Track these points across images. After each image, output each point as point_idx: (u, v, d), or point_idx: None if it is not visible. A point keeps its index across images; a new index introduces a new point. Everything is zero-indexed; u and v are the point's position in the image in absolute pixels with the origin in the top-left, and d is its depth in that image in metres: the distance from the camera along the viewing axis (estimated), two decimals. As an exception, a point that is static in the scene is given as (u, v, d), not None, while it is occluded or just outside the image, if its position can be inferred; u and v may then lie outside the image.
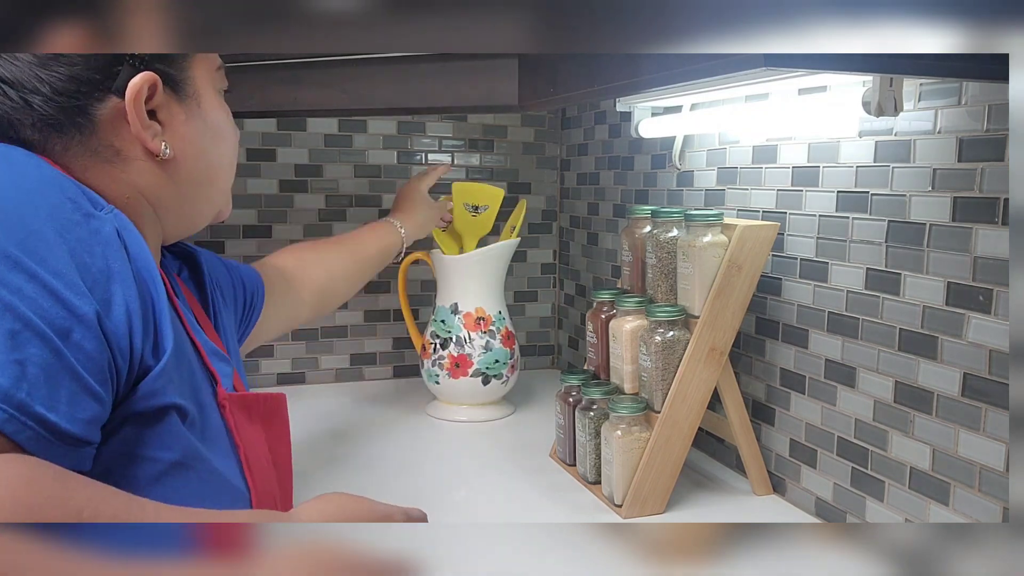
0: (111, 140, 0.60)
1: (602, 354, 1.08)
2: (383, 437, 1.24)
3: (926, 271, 0.80)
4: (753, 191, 1.06)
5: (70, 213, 0.50)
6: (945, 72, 0.64)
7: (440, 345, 1.31)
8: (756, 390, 1.07)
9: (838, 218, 0.92)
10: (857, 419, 0.90)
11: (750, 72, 0.59)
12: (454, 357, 1.30)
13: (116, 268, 0.51)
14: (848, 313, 0.91)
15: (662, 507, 0.97)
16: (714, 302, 0.94)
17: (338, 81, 1.06)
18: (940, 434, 0.80)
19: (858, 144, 0.88)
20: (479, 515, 0.98)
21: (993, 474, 0.74)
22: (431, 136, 1.57)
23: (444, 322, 1.32)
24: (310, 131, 1.50)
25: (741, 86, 0.98)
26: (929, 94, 0.79)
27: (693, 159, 1.19)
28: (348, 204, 1.53)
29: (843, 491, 0.93)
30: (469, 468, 1.13)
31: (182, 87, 0.64)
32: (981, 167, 0.74)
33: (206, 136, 0.67)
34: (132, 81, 0.59)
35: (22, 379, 0.43)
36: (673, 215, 0.99)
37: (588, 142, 1.53)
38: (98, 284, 0.50)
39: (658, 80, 0.69)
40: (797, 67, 0.57)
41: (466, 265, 1.31)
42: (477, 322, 1.31)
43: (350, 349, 1.56)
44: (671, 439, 0.96)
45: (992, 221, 0.73)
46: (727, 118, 1.05)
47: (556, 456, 1.14)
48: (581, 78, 0.82)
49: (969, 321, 0.76)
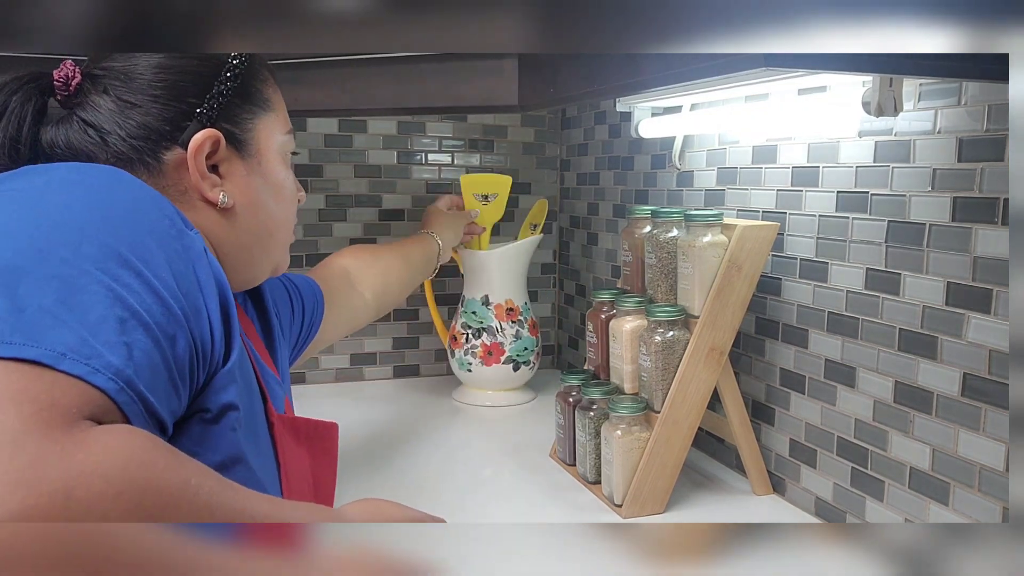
0: (177, 182, 0.67)
1: (602, 354, 1.08)
2: (383, 437, 1.24)
3: (926, 271, 0.80)
4: (753, 191, 1.06)
5: (167, 228, 0.55)
6: (945, 72, 0.64)
7: (473, 335, 1.41)
8: (756, 390, 1.07)
9: (838, 218, 0.92)
10: (857, 419, 0.90)
11: (750, 72, 0.59)
12: (487, 346, 1.39)
13: (204, 280, 0.55)
14: (848, 313, 0.91)
15: (662, 507, 0.97)
16: (714, 302, 0.95)
17: (338, 81, 1.06)
18: (940, 434, 0.80)
19: (858, 144, 0.88)
20: (479, 515, 0.98)
21: (993, 474, 0.74)
22: (431, 136, 1.57)
23: (476, 313, 1.41)
24: (310, 131, 1.50)
25: (741, 86, 0.98)
26: (929, 94, 0.79)
27: (693, 159, 1.19)
28: (348, 204, 1.53)
29: (843, 491, 0.93)
30: (469, 468, 1.13)
31: (244, 146, 0.70)
32: (981, 167, 0.74)
33: (265, 191, 0.72)
34: (195, 136, 0.66)
35: (130, 359, 0.47)
36: (673, 215, 1.00)
37: (588, 142, 1.53)
38: (189, 293, 0.53)
39: (658, 80, 0.69)
40: (797, 67, 0.57)
41: (495, 260, 1.40)
42: (507, 312, 1.40)
43: (350, 349, 1.57)
44: (671, 439, 0.96)
45: (992, 221, 0.73)
46: (727, 118, 1.05)
47: (556, 456, 1.14)
48: (581, 78, 0.82)
49: (969, 321, 0.76)
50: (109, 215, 0.52)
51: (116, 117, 0.64)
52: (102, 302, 0.47)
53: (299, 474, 0.71)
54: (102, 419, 0.44)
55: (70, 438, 0.41)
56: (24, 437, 0.39)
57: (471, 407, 1.43)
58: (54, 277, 0.47)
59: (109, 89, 0.65)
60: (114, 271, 0.49)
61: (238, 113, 0.70)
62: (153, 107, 0.65)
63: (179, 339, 0.51)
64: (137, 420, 0.47)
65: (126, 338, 0.47)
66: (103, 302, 0.47)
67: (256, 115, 0.72)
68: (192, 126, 0.66)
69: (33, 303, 0.45)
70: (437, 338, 1.61)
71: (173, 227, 0.55)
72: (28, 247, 0.47)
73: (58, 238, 0.49)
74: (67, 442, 0.40)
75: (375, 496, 0.64)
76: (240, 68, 0.70)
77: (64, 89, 0.65)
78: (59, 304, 0.46)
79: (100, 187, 0.54)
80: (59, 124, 0.65)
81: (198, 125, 0.67)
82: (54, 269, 0.47)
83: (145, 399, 0.47)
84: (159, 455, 0.44)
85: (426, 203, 1.57)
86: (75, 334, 0.45)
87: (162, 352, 0.49)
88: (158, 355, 0.49)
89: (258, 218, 0.72)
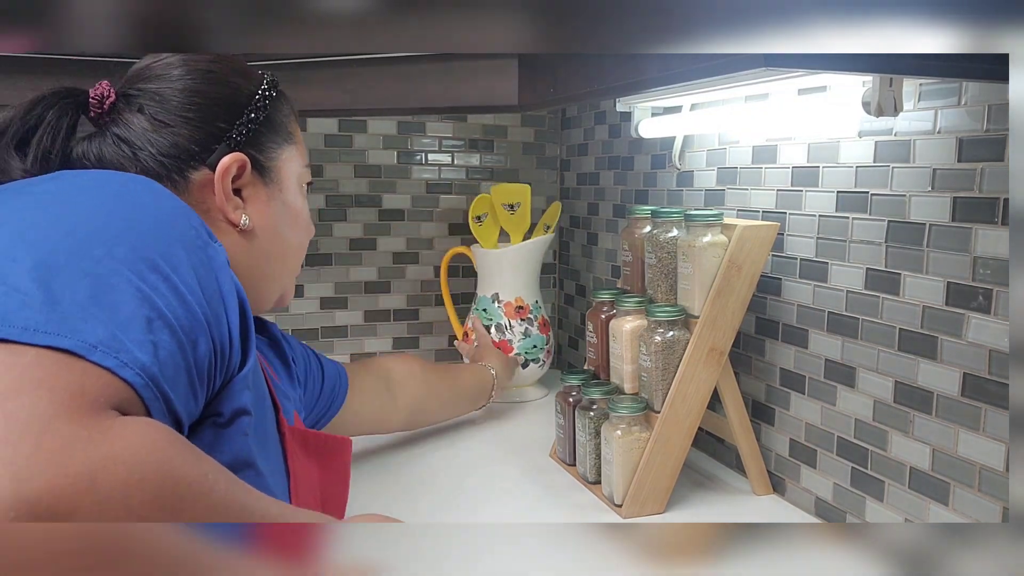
0: (200, 201, 0.69)
1: (602, 354, 1.08)
2: (382, 437, 1.24)
3: (926, 271, 0.80)
4: (753, 191, 1.06)
5: (194, 238, 0.56)
6: (945, 72, 0.64)
7: None
8: (756, 390, 1.07)
9: (838, 218, 0.92)
10: (857, 419, 0.90)
11: (750, 72, 0.59)
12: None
13: (226, 289, 0.57)
14: (848, 313, 0.91)
15: (662, 507, 0.97)
16: (714, 302, 0.95)
17: (338, 81, 1.06)
18: (940, 434, 0.80)
19: (858, 144, 0.88)
20: (479, 515, 0.98)
21: (993, 474, 0.74)
22: (431, 136, 1.57)
23: (486, 310, 1.43)
24: (310, 131, 1.50)
25: (741, 86, 0.98)
26: (929, 94, 0.79)
27: (693, 159, 1.19)
28: (348, 204, 1.53)
29: (843, 491, 0.93)
30: (469, 468, 1.13)
31: (268, 173, 0.74)
32: (981, 167, 0.74)
33: (284, 217, 0.76)
34: (223, 159, 0.69)
35: (156, 358, 0.48)
36: (673, 215, 1.00)
37: (588, 142, 1.53)
38: (212, 300, 0.55)
39: (658, 80, 0.69)
40: (797, 67, 0.57)
41: (506, 259, 1.42)
42: (516, 310, 1.43)
43: (350, 349, 1.57)
44: (671, 439, 0.96)
45: (992, 221, 0.73)
46: (727, 118, 1.05)
47: (556, 456, 1.14)
48: (581, 78, 0.82)
49: (969, 321, 0.76)
50: (141, 221, 0.54)
51: (149, 135, 0.67)
52: (132, 301, 0.49)
53: (308, 486, 0.72)
54: (127, 411, 0.46)
55: (97, 425, 0.42)
56: (55, 421, 0.40)
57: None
58: (88, 274, 0.48)
59: (144, 108, 0.68)
60: (144, 273, 0.51)
61: (264, 142, 0.73)
62: (184, 128, 0.68)
63: (200, 343, 0.52)
64: (158, 416, 0.48)
65: (153, 337, 0.49)
66: (133, 301, 0.49)
67: (280, 145, 0.75)
68: (221, 148, 0.70)
69: (67, 297, 0.46)
70: (437, 338, 1.61)
71: (199, 238, 0.57)
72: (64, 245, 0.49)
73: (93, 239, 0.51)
74: (94, 429, 0.41)
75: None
76: (269, 99, 0.73)
77: (98, 107, 0.68)
78: (92, 300, 0.47)
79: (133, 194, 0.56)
80: (92, 138, 0.67)
81: (227, 149, 0.70)
82: (88, 267, 0.49)
83: (167, 397, 0.49)
84: (179, 448, 0.45)
85: (426, 203, 1.58)
86: (106, 329, 0.47)
87: (184, 354, 0.51)
88: (181, 356, 0.50)
89: (274, 243, 0.75)
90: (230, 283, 0.58)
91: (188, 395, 0.51)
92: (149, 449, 0.43)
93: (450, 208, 1.59)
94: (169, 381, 0.49)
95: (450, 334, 1.61)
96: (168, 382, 0.49)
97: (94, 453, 0.40)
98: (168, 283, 0.51)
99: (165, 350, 0.49)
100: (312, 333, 1.54)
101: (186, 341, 0.51)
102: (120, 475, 0.40)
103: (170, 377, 0.49)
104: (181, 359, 0.50)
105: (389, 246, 1.57)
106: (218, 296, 0.56)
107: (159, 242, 0.53)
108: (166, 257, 0.52)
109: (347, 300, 1.56)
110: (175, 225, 0.56)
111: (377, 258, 1.57)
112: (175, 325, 0.50)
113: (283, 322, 1.51)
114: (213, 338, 0.54)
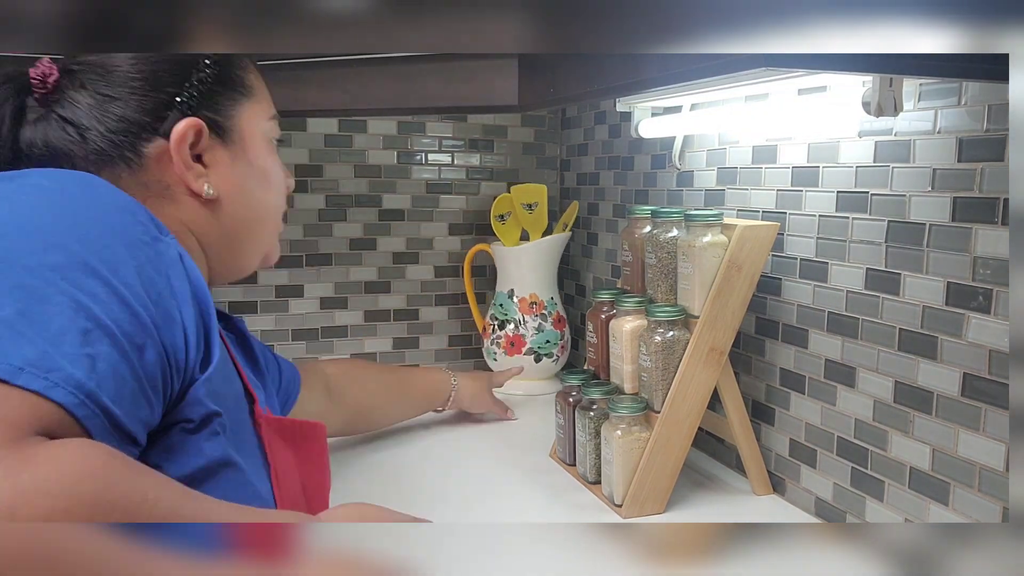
0: (159, 177, 0.65)
1: (602, 354, 1.08)
2: (381, 437, 1.24)
3: (926, 271, 0.80)
4: (753, 191, 1.06)
5: (140, 235, 0.54)
6: (945, 72, 0.63)
7: (498, 326, 1.48)
8: (756, 390, 1.07)
9: (838, 218, 0.92)
10: (857, 419, 0.90)
11: (750, 72, 0.59)
12: (510, 337, 1.46)
13: (177, 287, 0.54)
14: (848, 313, 0.91)
15: (662, 507, 0.97)
16: (714, 302, 0.94)
17: (338, 81, 1.06)
18: (940, 434, 0.80)
19: (858, 144, 0.88)
20: (479, 515, 0.98)
21: (993, 474, 0.74)
22: (431, 136, 1.57)
23: (502, 306, 1.48)
24: (310, 131, 1.50)
25: (741, 86, 0.98)
26: (929, 94, 0.79)
27: (693, 159, 1.19)
28: (348, 204, 1.53)
29: (843, 491, 0.93)
30: (469, 468, 1.13)
31: (228, 133, 0.69)
32: (981, 167, 0.74)
33: (251, 179, 0.71)
34: (177, 126, 0.64)
35: (92, 371, 0.46)
36: (673, 215, 0.99)
37: (588, 142, 1.53)
38: (161, 300, 0.53)
39: (658, 80, 0.69)
40: (797, 67, 0.57)
41: (522, 255, 1.46)
42: (531, 306, 1.47)
43: (350, 349, 1.56)
44: (671, 439, 0.96)
45: (992, 221, 0.73)
46: (727, 118, 1.05)
47: (556, 456, 1.14)
48: (581, 78, 0.82)
49: (969, 321, 0.76)
50: (78, 221, 0.51)
51: (95, 112, 0.63)
52: (65, 313, 0.46)
53: (289, 475, 0.70)
54: (58, 434, 0.43)
55: (17, 455, 0.40)
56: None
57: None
58: (16, 287, 0.46)
59: (87, 83, 0.63)
60: (80, 280, 0.48)
61: (219, 100, 0.68)
62: (132, 98, 0.63)
63: (148, 348, 0.50)
64: (101, 433, 0.46)
65: (89, 349, 0.46)
66: (66, 313, 0.46)
67: (238, 102, 0.70)
68: (173, 115, 0.65)
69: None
70: (437, 338, 1.61)
71: (146, 233, 0.54)
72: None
73: (22, 246, 0.48)
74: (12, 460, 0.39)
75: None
76: (218, 55, 0.68)
77: (42, 87, 0.63)
78: (20, 316, 0.45)
79: (70, 193, 0.53)
80: (37, 123, 0.63)
81: (179, 114, 0.65)
82: (17, 279, 0.46)
83: (109, 412, 0.46)
84: (113, 469, 0.43)
85: (426, 203, 1.57)
86: (35, 347, 0.44)
87: (129, 362, 0.48)
88: (125, 366, 0.48)
89: (245, 206, 0.70)
90: (183, 279, 0.55)
91: (139, 404, 0.49)
92: (79, 475, 0.40)
93: (450, 208, 1.59)
94: (111, 394, 0.46)
95: (451, 334, 1.62)
96: (110, 395, 0.46)
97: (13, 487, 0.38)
98: (108, 287, 0.49)
99: (104, 362, 0.47)
100: (312, 333, 1.54)
101: (130, 348, 0.49)
102: (42, 507, 0.39)
103: (112, 390, 0.47)
104: (126, 369, 0.48)
105: (389, 246, 1.57)
106: (168, 295, 0.53)
107: (98, 242, 0.51)
108: (105, 259, 0.50)
109: (347, 300, 1.56)
110: (117, 222, 0.53)
111: (377, 258, 1.57)
112: (116, 333, 0.48)
113: (283, 322, 1.51)
114: (163, 342, 0.51)
